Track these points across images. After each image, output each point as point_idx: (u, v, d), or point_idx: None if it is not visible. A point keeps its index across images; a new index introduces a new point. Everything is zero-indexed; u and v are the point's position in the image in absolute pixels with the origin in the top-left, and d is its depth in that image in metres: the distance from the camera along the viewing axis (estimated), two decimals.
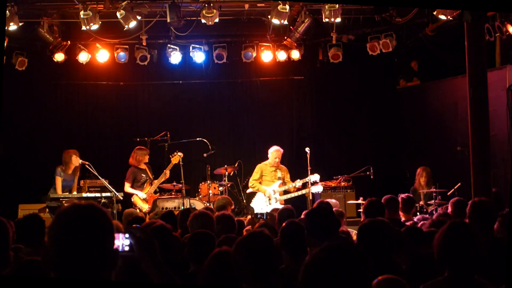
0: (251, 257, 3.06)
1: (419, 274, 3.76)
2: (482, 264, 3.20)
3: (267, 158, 10.47)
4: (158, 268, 2.45)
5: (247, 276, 3.05)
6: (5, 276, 3.11)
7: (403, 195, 7.13)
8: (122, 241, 2.38)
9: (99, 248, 2.02)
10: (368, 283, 2.02)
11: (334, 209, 6.94)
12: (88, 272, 2.00)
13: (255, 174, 10.30)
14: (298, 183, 9.91)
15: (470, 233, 3.23)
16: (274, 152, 10.28)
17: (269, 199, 10.04)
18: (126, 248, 2.39)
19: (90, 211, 2.06)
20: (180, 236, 5.24)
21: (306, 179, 9.74)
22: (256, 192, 10.22)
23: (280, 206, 9.56)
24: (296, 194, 10.00)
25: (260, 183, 10.26)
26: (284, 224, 4.40)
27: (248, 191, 10.38)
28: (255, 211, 9.66)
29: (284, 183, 10.17)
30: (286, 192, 10.16)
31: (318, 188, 9.83)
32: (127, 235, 2.39)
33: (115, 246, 2.29)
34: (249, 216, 7.97)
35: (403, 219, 6.80)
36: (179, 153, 9.73)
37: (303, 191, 9.90)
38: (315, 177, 9.73)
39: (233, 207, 7.86)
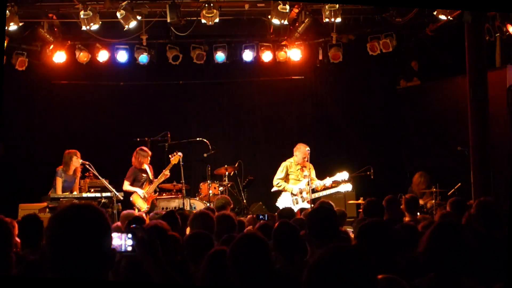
0: (245, 259, 3.08)
1: (419, 273, 3.76)
2: (471, 265, 3.17)
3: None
4: (160, 268, 2.45)
5: (242, 277, 3.06)
6: (6, 276, 3.11)
7: (406, 196, 7.13)
8: (124, 242, 2.38)
9: (96, 248, 2.01)
10: (372, 284, 2.01)
11: (336, 208, 6.94)
12: (85, 272, 1.99)
13: (280, 173, 9.69)
14: (328, 181, 9.37)
15: (457, 234, 3.18)
16: (304, 149, 9.60)
17: (296, 199, 9.57)
18: (129, 249, 2.38)
19: (87, 211, 2.05)
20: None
21: (336, 177, 9.34)
22: (281, 192, 9.69)
23: (308, 206, 9.24)
24: (325, 193, 9.37)
25: (285, 181, 9.70)
26: (276, 225, 4.39)
27: (273, 189, 9.84)
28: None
29: (310, 181, 9.45)
30: (313, 191, 9.51)
31: (347, 187, 9.39)
32: (129, 235, 2.39)
33: (116, 246, 2.29)
34: (249, 216, 7.96)
35: (407, 219, 6.81)
36: (179, 153, 9.71)
37: (332, 190, 9.41)
38: (344, 175, 9.33)
39: (232, 206, 7.85)
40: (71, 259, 1.98)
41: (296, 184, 9.62)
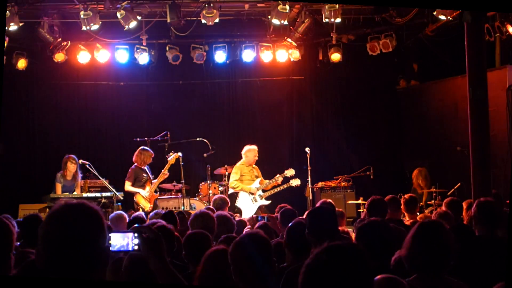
0: (247, 257, 3.08)
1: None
2: (453, 264, 3.16)
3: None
4: (165, 268, 2.45)
5: (243, 276, 3.06)
6: (6, 276, 3.10)
7: (405, 196, 7.13)
8: (131, 241, 2.38)
9: (90, 246, 2.01)
10: (370, 282, 2.01)
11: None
12: (79, 271, 1.98)
13: (235, 175, 10.17)
14: (278, 178, 10.00)
15: (438, 234, 3.17)
16: (253, 151, 10.23)
17: (254, 197, 10.03)
18: (135, 248, 2.39)
19: (80, 210, 2.04)
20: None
21: (285, 174, 9.96)
22: (238, 193, 10.11)
23: (266, 202, 9.91)
24: (277, 189, 10.05)
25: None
26: (290, 224, 4.43)
27: (230, 192, 10.19)
28: (242, 211, 9.74)
29: (261, 181, 10.19)
30: (265, 189, 10.20)
31: (296, 182, 9.99)
32: (135, 235, 2.39)
33: (122, 246, 2.29)
34: (249, 217, 7.99)
35: (407, 219, 6.80)
36: (178, 153, 9.71)
37: (285, 186, 9.99)
38: (291, 171, 9.99)
39: (229, 205, 7.89)
40: (64, 258, 1.97)
41: (252, 184, 10.15)
